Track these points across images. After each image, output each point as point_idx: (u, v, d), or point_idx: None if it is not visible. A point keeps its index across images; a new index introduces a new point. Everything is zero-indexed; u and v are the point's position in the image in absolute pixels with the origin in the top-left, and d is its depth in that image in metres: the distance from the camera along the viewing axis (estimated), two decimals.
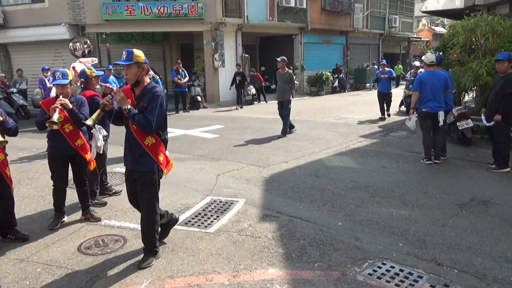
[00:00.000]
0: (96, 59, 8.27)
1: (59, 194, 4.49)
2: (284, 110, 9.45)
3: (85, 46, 15.80)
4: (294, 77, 10.01)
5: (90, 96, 4.89)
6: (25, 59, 16.82)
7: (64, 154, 4.38)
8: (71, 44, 15.57)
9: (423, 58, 7.19)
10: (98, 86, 5.26)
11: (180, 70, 14.41)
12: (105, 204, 5.09)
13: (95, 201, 5.06)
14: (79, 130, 4.40)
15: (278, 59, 9.76)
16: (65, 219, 4.57)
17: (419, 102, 6.78)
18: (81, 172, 4.53)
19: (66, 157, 4.40)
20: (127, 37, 17.47)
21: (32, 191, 5.73)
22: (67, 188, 4.61)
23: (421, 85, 6.66)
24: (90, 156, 4.49)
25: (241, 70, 15.92)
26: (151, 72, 9.91)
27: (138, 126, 3.33)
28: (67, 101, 4.17)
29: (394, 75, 12.46)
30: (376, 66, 21.53)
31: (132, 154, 3.48)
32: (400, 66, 25.76)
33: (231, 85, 15.78)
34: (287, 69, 9.85)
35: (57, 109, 4.07)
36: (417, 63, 12.32)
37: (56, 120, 4.00)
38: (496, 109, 6.13)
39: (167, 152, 3.67)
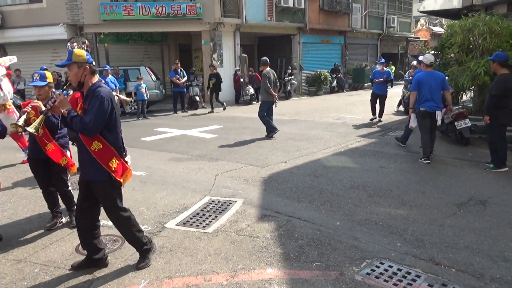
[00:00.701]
0: (15, 58, 8.03)
1: (45, 196, 4.48)
2: (258, 110, 9.50)
3: (83, 46, 15.80)
4: (292, 77, 9.98)
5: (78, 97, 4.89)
6: (23, 59, 16.71)
7: (37, 156, 4.32)
8: (69, 44, 15.55)
9: (421, 58, 7.23)
10: None
11: (179, 70, 14.42)
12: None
13: None
14: (51, 134, 4.27)
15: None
16: (64, 219, 4.56)
17: (417, 102, 6.84)
18: (56, 177, 4.42)
19: (40, 160, 4.32)
20: (125, 37, 17.48)
21: (30, 191, 5.71)
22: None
23: (419, 85, 6.74)
24: (65, 162, 4.31)
25: (215, 71, 14.88)
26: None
27: (76, 128, 3.15)
28: (39, 103, 4.04)
29: (392, 77, 11.55)
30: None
31: (83, 161, 3.31)
32: (392, 66, 25.39)
33: (207, 88, 15.00)
34: (266, 69, 9.73)
35: (26, 112, 3.93)
36: (415, 63, 12.22)
37: (20, 123, 3.88)
38: (487, 109, 6.19)
39: (129, 159, 3.54)
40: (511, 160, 6.36)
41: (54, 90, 4.47)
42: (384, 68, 11.16)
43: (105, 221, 4.56)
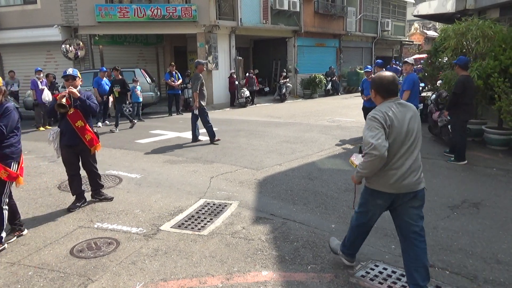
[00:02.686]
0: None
1: None
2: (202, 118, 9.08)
3: (78, 48, 15.75)
4: (287, 80, 9.82)
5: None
6: (17, 60, 16.69)
7: None
8: (63, 45, 15.51)
9: (409, 60, 7.89)
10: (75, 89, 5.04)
11: (174, 72, 14.41)
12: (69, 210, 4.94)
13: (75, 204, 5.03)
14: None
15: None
16: (25, 232, 4.34)
17: (409, 100, 7.37)
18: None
19: None
20: (120, 39, 17.43)
21: (24, 193, 5.67)
22: (58, 191, 4.57)
23: (414, 85, 7.39)
24: (5, 174, 3.96)
25: (120, 77, 11.68)
26: None
27: None
28: None
29: None
30: (395, 67, 20.27)
31: None
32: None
33: (108, 95, 12.02)
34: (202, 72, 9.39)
35: None
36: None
37: None
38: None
39: None
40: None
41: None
42: (373, 76, 10.28)
43: (99, 223, 4.56)
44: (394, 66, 18.78)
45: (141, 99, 13.09)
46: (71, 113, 4.80)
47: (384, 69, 9.30)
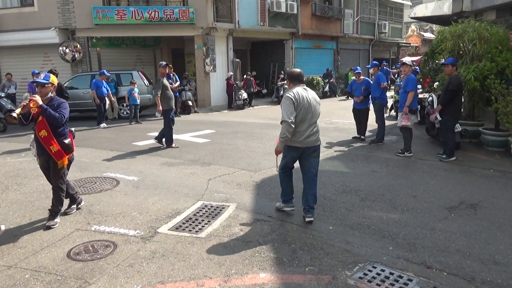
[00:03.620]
0: None
1: None
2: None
3: (75, 50, 15.74)
4: (285, 82, 9.75)
5: None
6: (14, 63, 16.67)
7: None
8: (60, 48, 15.49)
9: (407, 62, 7.82)
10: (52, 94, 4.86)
11: (171, 74, 14.39)
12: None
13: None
14: None
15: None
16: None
17: (412, 101, 7.46)
18: None
19: None
20: (118, 41, 17.42)
21: (21, 196, 5.65)
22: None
23: (416, 85, 7.54)
24: None
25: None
26: None
27: None
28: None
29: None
30: (386, 68, 19.71)
31: None
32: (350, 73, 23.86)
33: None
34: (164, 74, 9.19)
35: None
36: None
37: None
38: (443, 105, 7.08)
39: None
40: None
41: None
42: (362, 77, 9.49)
43: (96, 226, 4.54)
44: (384, 67, 18.99)
45: (138, 102, 13.07)
46: (38, 122, 4.54)
47: (379, 69, 9.55)
